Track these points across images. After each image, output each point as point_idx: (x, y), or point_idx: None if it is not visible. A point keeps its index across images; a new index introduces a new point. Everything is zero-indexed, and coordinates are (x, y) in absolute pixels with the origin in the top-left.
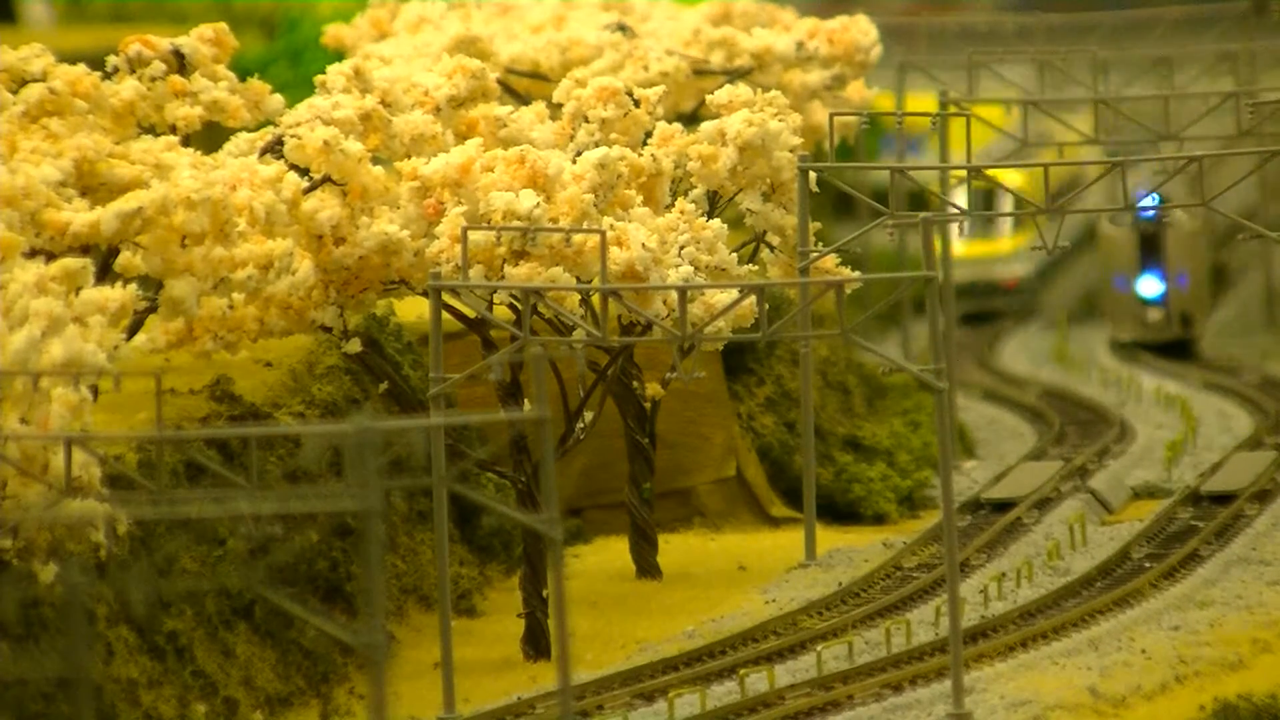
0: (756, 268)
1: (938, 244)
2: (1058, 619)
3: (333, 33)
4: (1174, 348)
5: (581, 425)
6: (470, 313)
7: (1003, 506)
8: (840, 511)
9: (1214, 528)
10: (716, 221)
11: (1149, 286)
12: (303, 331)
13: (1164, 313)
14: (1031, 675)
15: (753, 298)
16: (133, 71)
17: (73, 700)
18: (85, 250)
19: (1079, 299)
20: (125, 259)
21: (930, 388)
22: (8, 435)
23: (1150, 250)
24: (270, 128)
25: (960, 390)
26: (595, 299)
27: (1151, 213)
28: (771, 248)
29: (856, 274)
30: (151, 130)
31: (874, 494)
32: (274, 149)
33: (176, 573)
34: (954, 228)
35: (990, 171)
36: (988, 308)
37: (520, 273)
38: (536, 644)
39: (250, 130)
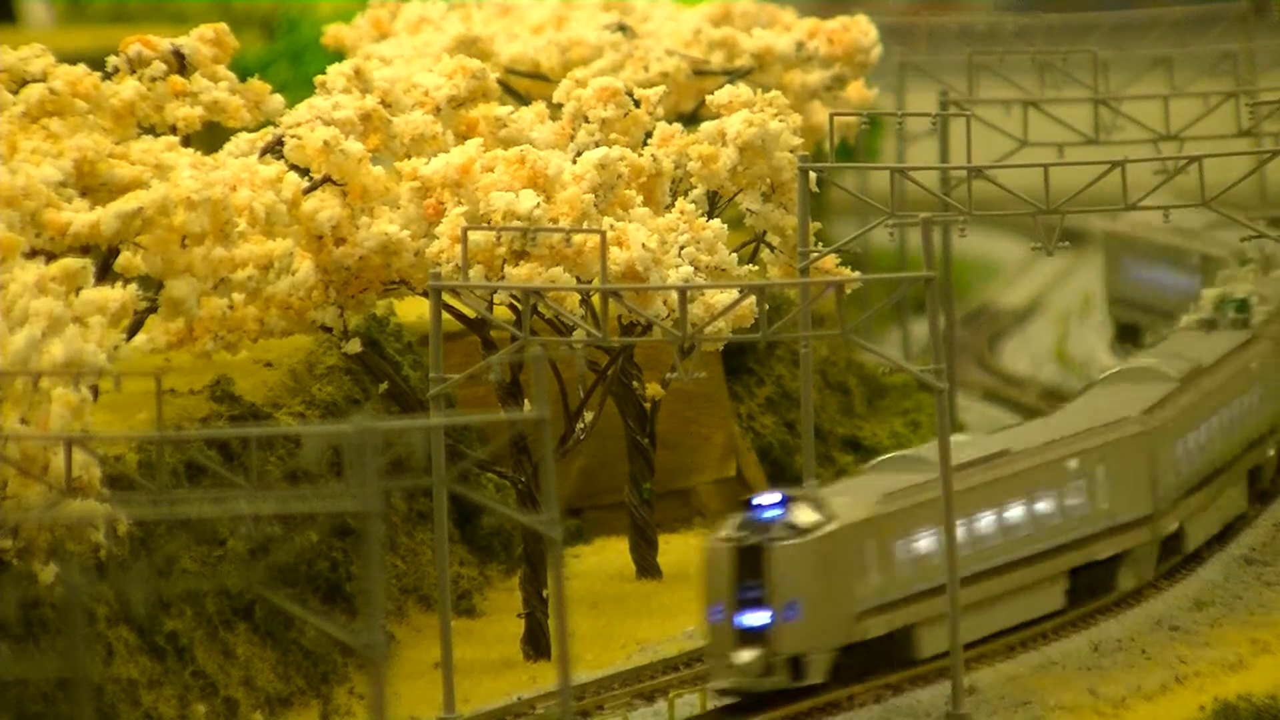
0: (756, 268)
1: (938, 244)
2: (1058, 619)
3: (333, 33)
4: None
5: (581, 425)
6: (470, 313)
7: None
8: None
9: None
10: (716, 221)
11: (748, 618)
12: (303, 331)
13: (764, 654)
14: (1031, 675)
15: (753, 298)
16: (133, 72)
17: (73, 700)
18: (85, 250)
19: None
20: (125, 259)
21: (930, 388)
22: (8, 435)
23: (750, 571)
24: (270, 128)
25: (960, 390)
26: (595, 299)
27: (769, 514)
28: (771, 248)
29: (856, 274)
30: (151, 130)
31: None
32: (274, 149)
33: (176, 573)
34: None
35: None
36: None
37: (520, 273)
38: (536, 644)
39: (250, 130)
